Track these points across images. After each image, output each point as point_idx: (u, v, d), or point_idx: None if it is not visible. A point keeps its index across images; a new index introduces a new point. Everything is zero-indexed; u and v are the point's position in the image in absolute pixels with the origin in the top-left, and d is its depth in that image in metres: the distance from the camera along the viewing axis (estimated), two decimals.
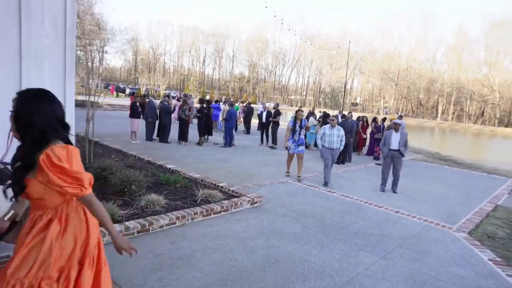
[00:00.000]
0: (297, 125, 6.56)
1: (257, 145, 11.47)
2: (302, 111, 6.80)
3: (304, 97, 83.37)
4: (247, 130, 15.16)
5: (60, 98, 2.70)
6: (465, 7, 79.76)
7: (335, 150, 6.50)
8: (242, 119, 16.38)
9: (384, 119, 11.08)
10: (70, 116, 2.90)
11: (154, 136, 10.39)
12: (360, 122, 11.05)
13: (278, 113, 11.20)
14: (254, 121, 16.31)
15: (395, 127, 6.50)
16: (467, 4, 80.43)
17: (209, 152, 9.19)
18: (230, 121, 10.31)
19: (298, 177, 6.60)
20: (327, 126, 6.54)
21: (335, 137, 6.44)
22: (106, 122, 13.97)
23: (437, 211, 5.50)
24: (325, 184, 6.35)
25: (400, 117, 11.32)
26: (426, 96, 65.34)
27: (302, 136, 6.66)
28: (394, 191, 6.50)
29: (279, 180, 6.60)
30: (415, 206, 5.66)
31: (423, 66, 65.19)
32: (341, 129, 6.54)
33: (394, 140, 6.47)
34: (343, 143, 6.54)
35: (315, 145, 11.64)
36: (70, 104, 2.88)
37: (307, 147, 11.42)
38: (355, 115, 13.22)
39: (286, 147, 6.71)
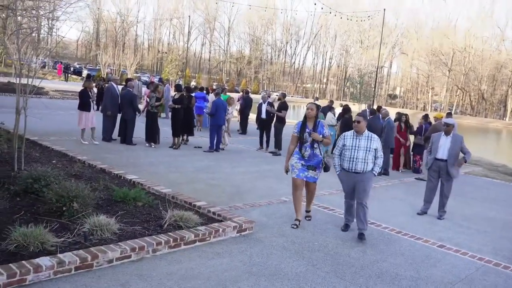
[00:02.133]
0: (307, 131, 5.28)
1: (254, 150, 11.44)
2: (316, 105, 5.48)
3: (324, 85, 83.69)
4: (243, 129, 15.14)
5: None
6: None
7: (360, 174, 5.11)
8: (237, 113, 16.35)
9: (425, 117, 10.89)
10: None
11: (115, 135, 10.37)
12: (396, 123, 10.42)
13: (284, 106, 11.16)
14: (253, 117, 16.31)
15: (447, 129, 6.41)
16: None
17: (187, 159, 9.15)
18: (217, 115, 10.29)
19: (307, 212, 5.68)
20: (349, 133, 5.27)
21: (361, 151, 5.08)
22: (50, 115, 13.98)
23: (498, 246, 5.42)
24: (345, 228, 5.41)
25: (449, 114, 11.19)
26: (491, 87, 65.25)
27: (318, 151, 5.32)
28: (439, 217, 6.43)
29: (280, 199, 6.55)
30: (468, 239, 5.57)
31: (488, 46, 65.11)
32: (374, 138, 5.17)
33: (443, 147, 6.39)
34: (380, 162, 5.18)
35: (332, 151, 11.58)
36: None
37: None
38: (392, 112, 12.99)
39: (286, 170, 5.51)
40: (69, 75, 39.60)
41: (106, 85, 11.40)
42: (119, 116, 10.33)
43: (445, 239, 5.44)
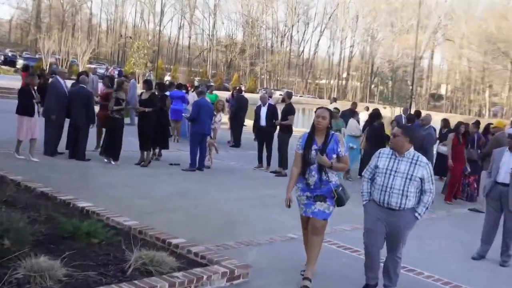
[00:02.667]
0: (314, 147, 4.94)
1: (251, 168, 11.45)
2: (329, 111, 5.14)
3: (344, 82, 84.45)
4: (236, 140, 15.17)
5: None
6: None
7: (396, 213, 4.71)
8: (228, 119, 16.41)
9: (476, 124, 10.98)
10: None
11: (61, 148, 10.37)
12: (452, 135, 9.99)
13: (290, 110, 11.23)
14: (250, 124, 16.36)
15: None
16: None
17: (160, 179, 9.17)
18: (200, 122, 10.32)
19: (304, 280, 4.93)
20: (387, 151, 4.96)
21: (399, 179, 4.66)
22: None
23: None
24: None
25: None
26: None
27: (328, 176, 4.92)
28: (502, 264, 6.41)
29: (286, 235, 6.54)
30: None
31: None
32: (422, 162, 4.70)
33: (506, 167, 6.41)
34: (428, 200, 4.73)
35: (360, 173, 11.60)
36: None
37: (346, 172, 11.42)
38: (437, 118, 13.07)
39: (288, 203, 5.13)
40: None
41: (50, 80, 11.42)
42: (66, 122, 10.34)
43: None
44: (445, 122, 12.58)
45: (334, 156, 4.92)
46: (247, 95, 17.74)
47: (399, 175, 4.69)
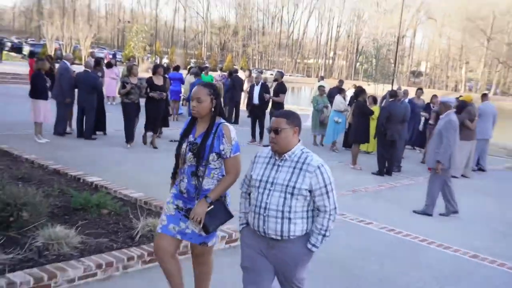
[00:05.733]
0: (190, 138, 3.31)
1: (245, 143, 11.53)
2: (210, 88, 3.26)
3: (331, 61, 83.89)
4: (229, 116, 15.22)
5: None
6: None
7: (278, 244, 2.92)
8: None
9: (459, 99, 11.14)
10: None
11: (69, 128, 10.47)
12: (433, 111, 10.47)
13: (281, 88, 11.31)
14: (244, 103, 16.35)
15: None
16: None
17: (162, 155, 9.20)
18: None
19: None
20: (263, 153, 3.08)
21: (277, 193, 2.87)
22: None
23: None
24: None
25: (485, 95, 11.40)
26: None
27: (209, 182, 3.27)
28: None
29: None
30: (509, 248, 5.74)
31: None
32: (310, 166, 2.85)
33: None
34: (326, 224, 2.89)
35: (346, 143, 11.75)
36: None
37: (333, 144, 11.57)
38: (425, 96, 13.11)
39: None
40: (5, 52, 39.14)
41: (58, 65, 11.37)
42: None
43: (481, 248, 5.60)
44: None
45: (213, 155, 3.20)
46: (241, 75, 17.64)
47: (277, 188, 2.84)
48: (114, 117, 11.37)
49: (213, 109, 3.24)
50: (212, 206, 3.15)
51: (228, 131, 3.22)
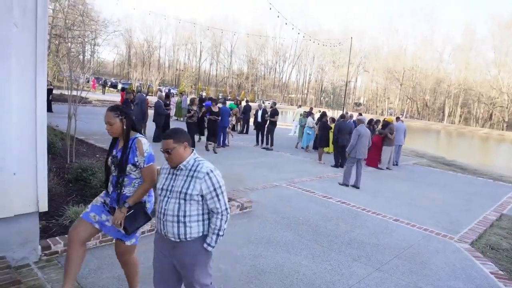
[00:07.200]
0: (114, 152, 2.51)
1: (252, 146, 11.43)
2: (116, 111, 2.48)
3: (305, 95, 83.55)
4: (245, 129, 15.06)
5: (30, 89, 2.67)
6: (471, 6, 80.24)
7: (176, 245, 2.15)
8: (234, 119, 15.74)
9: (374, 121, 10.81)
10: (42, 108, 2.85)
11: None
12: (372, 130, 9.81)
13: (275, 112, 11.13)
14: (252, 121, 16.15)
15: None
16: (473, 2, 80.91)
17: (199, 154, 9.09)
18: (223, 119, 10.24)
19: None
20: (167, 165, 2.26)
21: (173, 200, 2.12)
22: (94, 119, 13.84)
23: (438, 219, 5.45)
24: None
25: (398, 118, 11.15)
26: (432, 97, 65.58)
27: (128, 190, 2.46)
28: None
29: (272, 184, 6.54)
30: (416, 214, 5.61)
31: (430, 66, 65.39)
32: (200, 173, 2.12)
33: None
34: (220, 224, 2.11)
35: (315, 147, 11.59)
36: (41, 95, 2.83)
37: (306, 148, 11.39)
38: (355, 116, 12.91)
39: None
40: (106, 87, 39.14)
41: (152, 96, 11.24)
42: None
43: (399, 214, 5.47)
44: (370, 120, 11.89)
45: (130, 166, 2.39)
46: (250, 104, 17.48)
47: (173, 195, 2.11)
48: None
49: (125, 127, 2.43)
50: (132, 211, 2.37)
51: (141, 145, 2.39)
